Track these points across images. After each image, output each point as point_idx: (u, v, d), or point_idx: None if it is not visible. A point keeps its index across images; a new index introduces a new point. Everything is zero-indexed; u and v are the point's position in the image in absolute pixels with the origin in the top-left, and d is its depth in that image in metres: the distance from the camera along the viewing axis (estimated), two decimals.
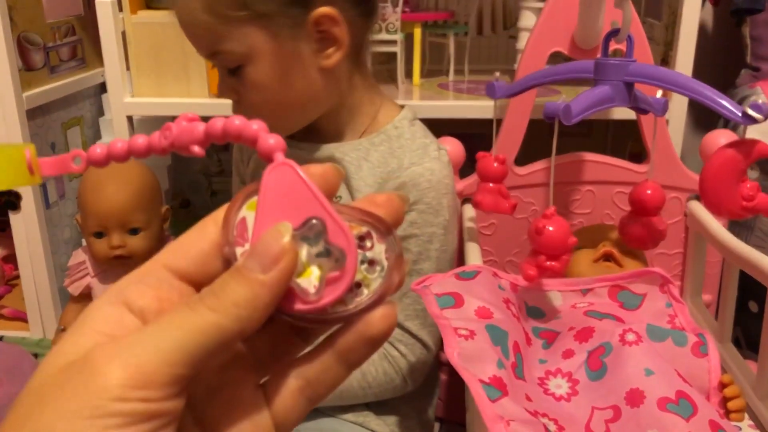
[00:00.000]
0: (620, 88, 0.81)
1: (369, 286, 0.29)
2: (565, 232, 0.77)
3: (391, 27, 1.24)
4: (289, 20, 0.82)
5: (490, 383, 0.67)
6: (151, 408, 0.23)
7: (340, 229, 0.28)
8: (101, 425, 0.23)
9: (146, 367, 0.24)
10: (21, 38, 1.20)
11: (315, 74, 0.86)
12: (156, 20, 1.19)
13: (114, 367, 0.23)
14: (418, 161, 0.90)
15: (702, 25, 1.59)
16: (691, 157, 1.32)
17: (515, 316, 0.81)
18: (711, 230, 0.96)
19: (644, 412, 0.69)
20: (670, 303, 0.86)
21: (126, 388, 0.23)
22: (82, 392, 0.23)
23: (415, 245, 0.90)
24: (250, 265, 0.26)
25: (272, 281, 0.26)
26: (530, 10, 1.24)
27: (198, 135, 0.30)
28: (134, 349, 0.24)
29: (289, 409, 0.29)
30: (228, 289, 0.26)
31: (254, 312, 0.26)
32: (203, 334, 0.25)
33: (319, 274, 0.28)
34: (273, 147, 0.29)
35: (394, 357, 0.91)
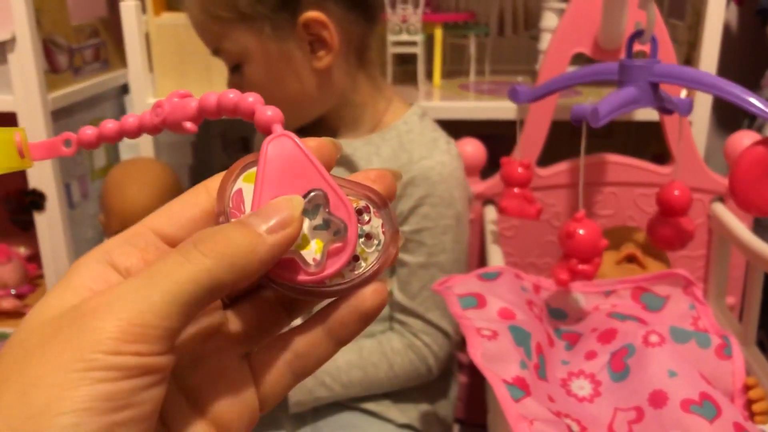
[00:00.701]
0: (646, 88, 0.81)
1: (366, 259, 0.29)
2: (596, 235, 0.77)
3: (412, 28, 1.24)
4: (277, 23, 0.86)
5: (513, 383, 0.67)
6: (145, 362, 0.23)
7: (341, 201, 0.28)
8: (94, 378, 0.22)
9: (139, 320, 0.23)
10: (47, 40, 1.22)
11: (308, 76, 0.90)
12: (179, 22, 1.20)
13: (106, 320, 0.23)
14: (428, 155, 0.92)
15: (726, 25, 1.58)
16: (715, 158, 1.31)
17: (538, 318, 0.81)
18: (735, 232, 0.96)
19: (667, 414, 0.68)
20: (694, 305, 0.85)
21: (119, 342, 0.22)
22: (74, 345, 0.22)
23: (429, 238, 0.92)
24: (255, 222, 0.26)
25: (274, 242, 0.26)
26: (552, 11, 1.24)
27: (191, 111, 0.29)
28: (126, 301, 0.23)
29: (275, 382, 0.29)
30: (226, 237, 0.25)
31: (249, 264, 0.25)
32: (195, 283, 0.24)
33: (320, 246, 0.28)
34: (271, 118, 0.29)
35: (419, 347, 0.94)
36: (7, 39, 1.14)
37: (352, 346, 0.94)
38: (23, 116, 1.18)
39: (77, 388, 0.22)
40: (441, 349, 0.95)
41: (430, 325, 0.94)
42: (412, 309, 0.93)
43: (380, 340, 0.95)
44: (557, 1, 1.24)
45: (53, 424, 0.21)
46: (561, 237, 0.79)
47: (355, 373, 0.92)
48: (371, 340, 0.95)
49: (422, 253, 0.92)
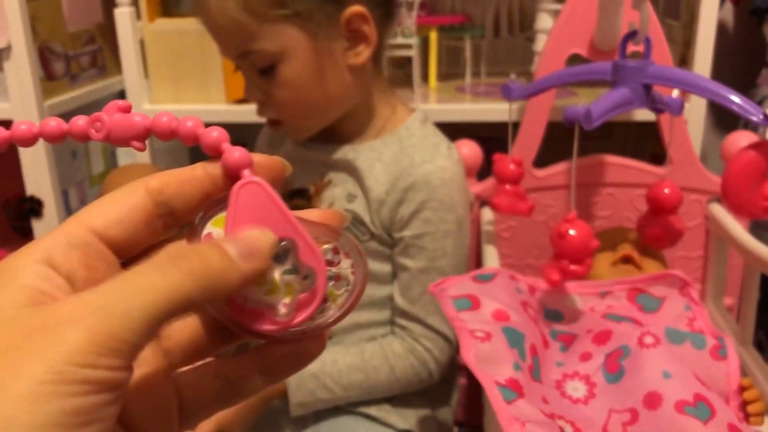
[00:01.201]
0: (638, 90, 0.81)
1: (335, 300, 0.29)
2: (587, 235, 0.77)
3: (407, 31, 1.24)
4: (325, 18, 0.84)
5: (506, 385, 0.67)
6: (114, 377, 0.22)
7: (310, 249, 0.28)
8: (65, 392, 0.21)
9: (113, 334, 0.22)
10: (43, 48, 1.22)
11: (345, 72, 0.88)
12: (174, 28, 1.20)
13: (79, 331, 0.22)
14: (429, 159, 0.91)
15: (722, 25, 1.58)
16: (713, 158, 1.31)
17: (532, 319, 0.81)
18: (732, 233, 0.95)
19: (662, 415, 0.68)
20: (690, 306, 0.85)
21: (92, 355, 0.21)
22: (45, 355, 0.21)
23: (430, 243, 0.92)
24: (230, 248, 0.26)
25: (246, 271, 0.26)
26: (547, 12, 1.24)
27: (137, 129, 0.28)
28: (101, 313, 0.22)
29: (200, 405, 0.29)
30: (203, 257, 0.25)
31: (219, 289, 0.25)
32: (170, 301, 0.23)
33: (290, 294, 0.28)
34: (239, 162, 0.28)
35: (420, 352, 0.93)
36: (3, 47, 1.14)
37: (354, 349, 0.94)
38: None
39: (48, 402, 0.21)
40: (442, 353, 0.95)
41: (431, 330, 0.94)
42: (412, 314, 0.93)
43: (382, 344, 0.95)
44: (552, 3, 1.24)
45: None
46: (553, 237, 0.79)
47: (356, 375, 0.92)
48: (373, 344, 0.95)
49: (423, 257, 0.92)
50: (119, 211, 0.27)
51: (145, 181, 0.27)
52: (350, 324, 0.97)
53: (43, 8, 1.22)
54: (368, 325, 0.97)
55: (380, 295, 0.96)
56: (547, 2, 1.25)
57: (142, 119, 0.28)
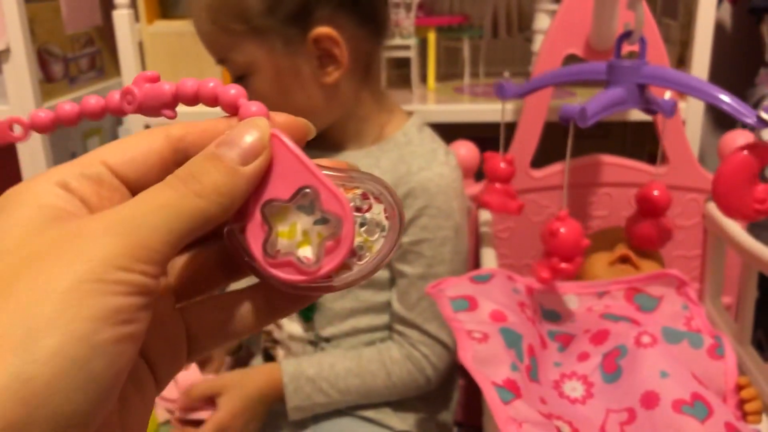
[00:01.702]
0: (633, 89, 0.81)
1: (371, 248, 0.28)
2: (577, 233, 0.77)
3: (405, 32, 1.24)
4: (287, 38, 0.85)
5: (503, 386, 0.67)
6: (147, 282, 0.23)
7: (333, 195, 0.27)
8: (106, 291, 0.22)
9: (145, 241, 0.24)
10: (41, 50, 1.22)
11: (315, 90, 0.89)
12: (172, 30, 1.20)
13: (115, 238, 0.23)
14: (426, 166, 0.91)
15: (720, 24, 1.58)
16: (711, 158, 1.31)
17: (530, 320, 0.81)
18: (729, 232, 0.96)
19: (659, 415, 0.68)
20: (687, 305, 0.85)
21: (129, 259, 0.23)
22: (84, 258, 0.23)
23: (428, 249, 0.92)
24: (229, 155, 0.26)
25: (251, 172, 0.26)
26: (545, 12, 1.24)
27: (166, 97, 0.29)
28: (131, 224, 0.24)
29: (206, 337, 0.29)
30: (209, 176, 0.26)
31: (233, 201, 0.26)
32: (191, 218, 0.25)
33: (318, 243, 0.27)
34: (256, 115, 0.28)
35: (417, 358, 0.94)
36: (2, 49, 1.14)
37: (351, 353, 0.94)
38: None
39: (92, 298, 0.22)
40: (440, 360, 0.95)
41: (429, 336, 0.94)
42: (410, 320, 0.93)
43: (380, 349, 0.95)
44: (550, 3, 1.24)
45: (70, 330, 0.21)
46: (543, 235, 0.79)
47: (353, 380, 0.93)
48: (371, 349, 0.95)
49: (421, 264, 0.92)
50: (135, 150, 0.27)
51: (166, 129, 0.28)
52: (349, 328, 0.97)
53: (41, 11, 1.22)
54: (367, 329, 0.97)
55: (379, 300, 0.96)
56: (545, 3, 1.25)
57: (170, 87, 0.29)
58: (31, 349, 0.21)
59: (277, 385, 0.92)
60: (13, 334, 0.21)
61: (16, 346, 0.21)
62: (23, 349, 0.21)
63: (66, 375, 0.21)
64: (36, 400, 0.21)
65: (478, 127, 1.17)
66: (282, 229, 0.28)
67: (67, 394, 0.21)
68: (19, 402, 0.21)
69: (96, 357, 0.22)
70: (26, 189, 0.25)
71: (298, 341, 0.99)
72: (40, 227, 0.24)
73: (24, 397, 0.21)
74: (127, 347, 0.23)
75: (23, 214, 0.24)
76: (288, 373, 0.92)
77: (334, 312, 0.96)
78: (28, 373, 0.21)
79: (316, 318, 0.98)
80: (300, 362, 0.93)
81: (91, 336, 0.22)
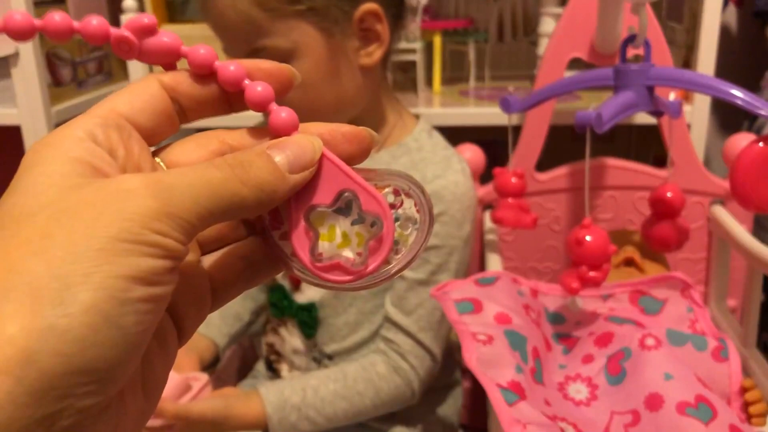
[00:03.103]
0: (643, 92, 0.81)
1: (406, 242, 0.30)
2: (604, 241, 0.77)
3: (411, 36, 1.25)
4: (340, 14, 0.82)
5: (507, 388, 0.67)
6: (178, 247, 0.24)
7: (372, 196, 0.29)
8: (139, 251, 0.23)
9: (182, 211, 0.24)
10: (50, 54, 1.23)
11: (357, 73, 0.86)
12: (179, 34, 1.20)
13: (153, 200, 0.24)
14: (442, 174, 0.90)
15: (725, 27, 1.58)
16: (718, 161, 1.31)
17: (534, 322, 0.81)
18: (734, 235, 0.96)
19: (663, 417, 0.69)
20: (692, 308, 0.86)
21: (163, 223, 0.24)
22: (120, 216, 0.23)
23: (435, 257, 0.91)
24: (281, 160, 0.27)
25: (295, 182, 0.28)
26: (550, 16, 1.24)
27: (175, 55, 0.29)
28: (171, 191, 0.24)
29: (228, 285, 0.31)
30: (257, 170, 0.27)
31: (271, 200, 0.27)
32: (229, 200, 0.26)
33: (361, 242, 0.29)
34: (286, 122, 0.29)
35: (405, 370, 0.91)
36: (11, 53, 1.15)
37: (335, 373, 0.90)
38: (27, 129, 1.20)
39: (125, 257, 0.23)
40: (426, 373, 0.92)
41: (421, 347, 0.91)
42: (404, 326, 0.90)
43: (364, 366, 0.91)
44: (555, 7, 1.25)
45: (104, 286, 0.22)
46: (570, 244, 0.79)
47: (340, 404, 0.88)
48: (355, 366, 0.91)
49: (425, 270, 0.90)
50: (142, 100, 0.28)
51: (157, 76, 0.29)
52: (352, 344, 0.95)
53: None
54: (370, 341, 0.96)
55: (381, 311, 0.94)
56: (551, 6, 1.25)
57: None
58: (67, 303, 0.22)
59: (259, 416, 0.86)
60: (50, 287, 0.22)
61: (53, 299, 0.22)
62: (59, 302, 0.22)
63: (98, 329, 0.22)
64: (70, 352, 0.22)
65: (483, 130, 1.17)
66: (322, 232, 0.29)
67: (97, 348, 0.22)
68: (53, 353, 0.21)
69: (126, 314, 0.23)
70: (55, 142, 0.26)
71: (301, 355, 0.97)
72: (75, 183, 0.24)
73: (57, 347, 0.21)
74: (155, 306, 0.24)
75: (56, 170, 0.25)
76: (271, 403, 0.86)
77: (337, 328, 0.95)
78: (63, 325, 0.21)
79: (319, 335, 0.96)
80: (282, 390, 0.88)
81: (123, 293, 0.23)
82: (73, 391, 0.22)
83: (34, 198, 0.24)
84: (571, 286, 0.78)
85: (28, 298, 0.22)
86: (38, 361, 0.21)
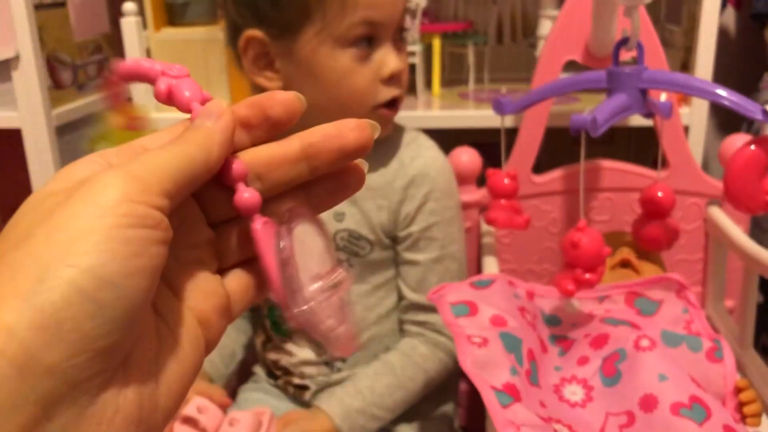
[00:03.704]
0: (636, 95, 0.82)
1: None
2: (599, 243, 0.78)
3: (411, 38, 1.25)
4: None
5: (502, 390, 0.68)
6: (153, 214, 0.26)
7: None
8: (116, 224, 0.24)
9: (147, 178, 0.26)
10: (50, 57, 1.24)
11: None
12: (179, 37, 1.21)
13: (118, 177, 0.26)
14: (417, 154, 0.93)
15: (724, 30, 1.58)
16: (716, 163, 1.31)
17: (530, 324, 0.82)
18: (731, 236, 0.96)
19: (657, 418, 0.69)
20: (687, 309, 0.86)
21: (134, 192, 0.25)
22: (92, 200, 0.25)
23: (439, 231, 0.94)
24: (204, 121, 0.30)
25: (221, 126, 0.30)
26: (548, 18, 1.25)
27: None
28: (134, 166, 0.27)
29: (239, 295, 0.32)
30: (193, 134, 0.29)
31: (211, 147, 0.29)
32: (181, 158, 0.28)
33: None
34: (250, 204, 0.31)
35: (444, 343, 0.95)
36: (11, 56, 1.16)
37: (379, 368, 0.93)
38: (28, 132, 1.20)
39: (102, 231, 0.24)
40: None
41: None
42: (431, 306, 0.92)
43: (406, 352, 0.94)
44: (554, 9, 1.25)
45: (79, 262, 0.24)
46: (565, 247, 0.79)
47: (398, 394, 0.92)
48: (397, 355, 0.94)
49: (435, 247, 0.94)
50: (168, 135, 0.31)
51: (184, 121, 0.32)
52: (365, 340, 0.97)
53: (50, 18, 1.24)
54: (379, 337, 0.97)
55: (388, 304, 0.97)
56: (549, 9, 1.26)
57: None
58: (42, 281, 0.23)
59: (331, 431, 0.89)
60: (28, 271, 0.24)
61: (30, 279, 0.23)
62: (36, 280, 0.23)
63: (75, 304, 0.23)
64: (47, 327, 0.23)
65: (482, 132, 1.18)
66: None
67: (75, 322, 0.23)
68: (34, 328, 0.23)
69: (104, 288, 0.24)
70: (69, 169, 0.29)
71: (312, 365, 0.98)
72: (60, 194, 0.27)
73: (35, 323, 0.23)
74: (138, 281, 0.25)
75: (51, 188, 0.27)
76: (338, 415, 0.89)
77: None
78: (39, 302, 0.23)
79: None
80: (341, 399, 0.91)
81: (98, 268, 0.24)
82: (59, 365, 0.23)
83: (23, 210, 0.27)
84: (567, 288, 0.79)
85: (7, 282, 0.23)
86: (17, 334, 0.23)
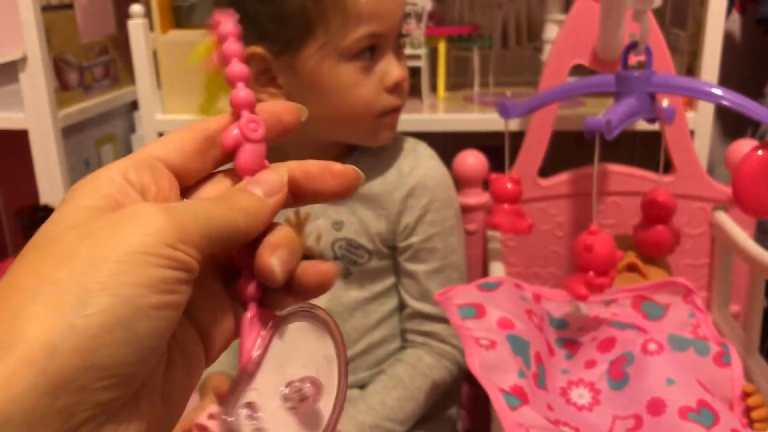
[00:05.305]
0: (645, 99, 0.82)
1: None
2: (611, 247, 0.78)
3: (416, 42, 1.25)
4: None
5: (510, 392, 0.68)
6: (189, 261, 0.27)
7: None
8: (154, 262, 0.26)
9: (188, 227, 0.27)
10: (57, 59, 1.24)
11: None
12: (186, 39, 1.22)
13: (164, 220, 0.27)
14: (416, 164, 0.93)
15: (729, 34, 1.58)
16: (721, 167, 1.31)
17: (537, 327, 0.82)
18: (736, 241, 0.96)
19: (665, 422, 0.69)
20: (694, 313, 0.86)
21: (174, 238, 0.27)
22: (135, 234, 0.26)
23: (439, 242, 0.94)
24: (258, 191, 0.32)
25: (273, 203, 0.32)
26: (554, 22, 1.25)
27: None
28: (178, 211, 0.28)
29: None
30: (243, 200, 0.31)
31: (257, 220, 0.31)
32: (222, 221, 0.29)
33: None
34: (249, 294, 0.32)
35: (449, 352, 0.95)
36: (19, 58, 1.16)
37: (388, 381, 0.93)
38: (35, 133, 1.21)
39: (142, 267, 0.26)
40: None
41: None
42: (435, 315, 0.94)
43: (413, 363, 0.94)
44: (559, 13, 1.25)
45: (119, 292, 0.25)
46: (578, 250, 0.79)
47: (408, 405, 0.92)
48: (403, 366, 0.94)
49: (436, 258, 0.94)
50: (174, 142, 0.32)
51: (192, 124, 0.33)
52: (364, 347, 0.96)
53: (57, 20, 1.24)
54: (380, 342, 0.97)
55: (387, 309, 0.97)
56: (555, 13, 1.26)
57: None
58: (85, 306, 0.25)
59: None
60: (72, 292, 0.25)
61: (74, 303, 0.25)
62: (79, 305, 0.25)
63: (112, 331, 0.25)
64: (87, 348, 0.24)
65: (487, 135, 1.18)
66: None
67: (112, 348, 0.25)
68: (72, 350, 0.24)
69: (139, 318, 0.25)
70: (91, 180, 0.30)
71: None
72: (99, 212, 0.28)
73: (76, 346, 0.24)
74: (168, 314, 0.27)
75: (86, 203, 0.28)
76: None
77: (346, 334, 0.96)
78: (81, 325, 0.24)
79: None
80: (354, 417, 0.89)
81: (137, 299, 0.25)
82: (89, 386, 0.24)
83: (63, 224, 0.28)
84: (579, 292, 0.79)
85: (52, 302, 0.25)
86: (59, 356, 0.24)
